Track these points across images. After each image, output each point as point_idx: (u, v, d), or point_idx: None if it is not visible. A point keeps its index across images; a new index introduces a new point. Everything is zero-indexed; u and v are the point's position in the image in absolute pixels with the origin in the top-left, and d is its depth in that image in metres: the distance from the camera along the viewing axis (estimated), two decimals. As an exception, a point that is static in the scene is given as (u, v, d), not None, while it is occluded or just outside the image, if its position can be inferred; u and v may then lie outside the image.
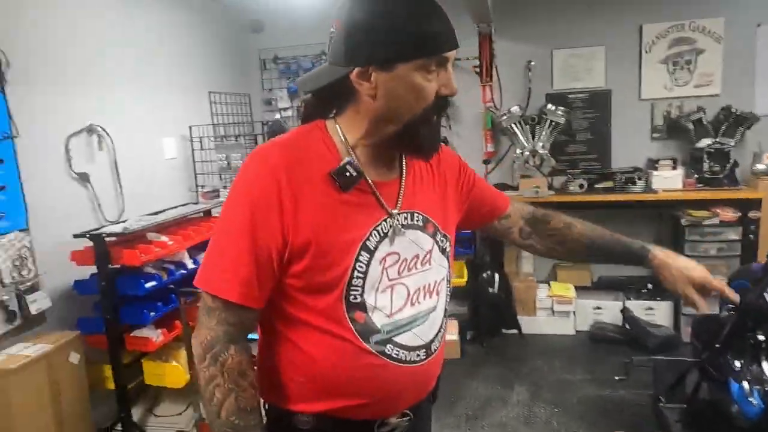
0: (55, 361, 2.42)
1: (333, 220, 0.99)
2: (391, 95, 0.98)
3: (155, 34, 3.49)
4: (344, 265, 0.99)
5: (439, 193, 1.18)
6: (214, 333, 0.99)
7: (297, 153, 1.00)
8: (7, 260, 2.40)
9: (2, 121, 2.42)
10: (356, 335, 1.01)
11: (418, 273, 1.09)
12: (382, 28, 0.95)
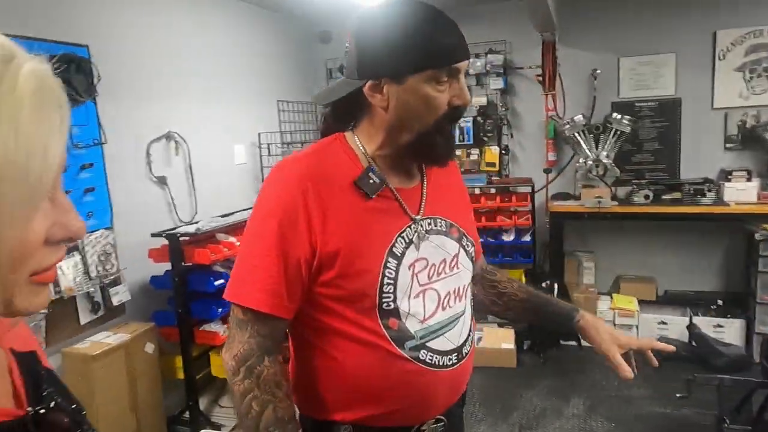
0: (133, 349, 2.62)
1: (359, 227, 1.01)
2: (403, 106, 1.00)
3: (228, 47, 3.70)
4: (373, 271, 1.01)
5: (458, 198, 1.21)
6: (248, 346, 1.00)
7: (320, 164, 1.03)
8: (94, 255, 2.63)
9: (93, 129, 2.67)
10: (391, 342, 1.02)
11: (447, 277, 1.11)
12: (392, 41, 0.97)
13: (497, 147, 4.47)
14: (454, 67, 0.99)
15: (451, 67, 0.98)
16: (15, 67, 0.45)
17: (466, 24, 4.43)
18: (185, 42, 3.31)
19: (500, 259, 4.15)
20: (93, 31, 2.68)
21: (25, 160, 0.42)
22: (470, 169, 4.52)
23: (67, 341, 2.52)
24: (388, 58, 0.98)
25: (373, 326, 1.02)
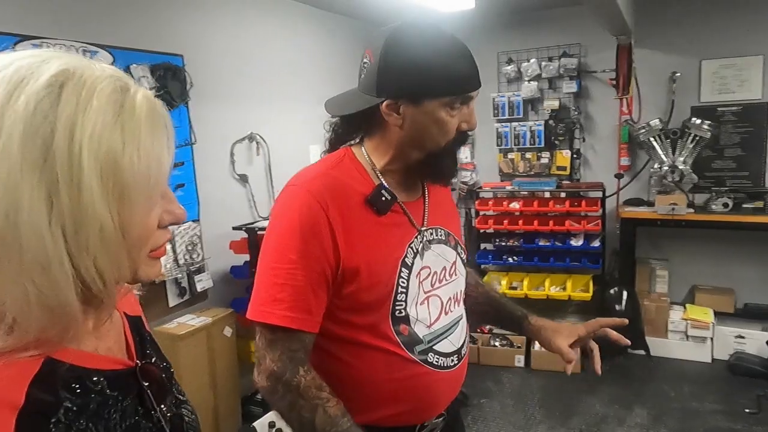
0: (213, 332, 2.87)
1: (376, 241, 1.07)
2: (417, 127, 1.06)
3: (306, 52, 3.91)
4: (390, 283, 1.07)
5: (450, 210, 1.30)
6: (280, 363, 1.02)
7: (334, 181, 1.07)
8: (182, 245, 2.91)
9: (185, 131, 2.94)
10: (402, 347, 1.09)
11: (448, 284, 1.19)
12: (415, 65, 1.02)
13: (569, 151, 4.44)
14: (468, 95, 1.07)
15: (465, 95, 1.06)
16: (132, 95, 0.59)
17: (539, 27, 4.48)
18: (268, 49, 3.55)
19: (567, 264, 4.13)
20: (187, 42, 2.95)
21: (147, 171, 0.58)
22: (540, 173, 4.52)
23: (157, 321, 2.81)
24: (409, 81, 1.03)
25: (387, 333, 1.08)
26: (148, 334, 0.80)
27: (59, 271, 0.54)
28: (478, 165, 4.79)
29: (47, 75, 0.54)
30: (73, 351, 0.61)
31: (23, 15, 2.24)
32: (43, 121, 0.53)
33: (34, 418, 0.56)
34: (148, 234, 0.62)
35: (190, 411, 0.81)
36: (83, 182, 0.54)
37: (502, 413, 3.36)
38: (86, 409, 0.60)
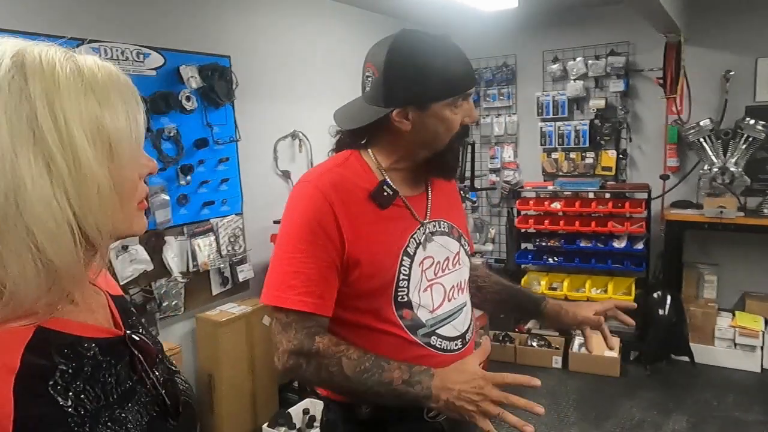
0: (253, 320, 3.01)
1: (378, 233, 1.15)
2: (426, 129, 1.15)
3: (348, 52, 4.00)
4: (392, 270, 1.15)
5: (454, 203, 1.36)
6: (296, 340, 1.09)
7: (340, 178, 1.15)
8: (225, 237, 3.06)
9: (230, 128, 3.09)
10: (406, 330, 1.16)
11: (451, 273, 1.25)
12: (417, 73, 1.11)
13: (614, 151, 4.35)
14: (469, 92, 1.16)
15: (467, 93, 1.15)
16: (83, 62, 0.64)
17: (586, 25, 4.45)
18: (310, 49, 3.66)
19: (609, 266, 4.06)
20: (234, 44, 3.10)
21: (128, 128, 0.66)
22: (585, 173, 4.45)
23: (201, 308, 2.97)
24: (414, 90, 1.12)
25: (390, 317, 1.16)
26: (135, 313, 0.85)
27: (67, 233, 0.60)
28: (521, 164, 4.76)
29: (6, 59, 0.59)
30: (64, 320, 0.66)
31: (85, 20, 2.43)
32: (21, 99, 0.58)
33: (32, 381, 0.60)
34: (135, 185, 0.69)
35: (183, 380, 0.85)
36: (77, 148, 0.60)
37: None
38: (81, 372, 0.65)
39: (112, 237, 0.67)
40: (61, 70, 0.61)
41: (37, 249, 0.59)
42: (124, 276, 2.59)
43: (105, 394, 0.67)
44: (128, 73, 2.41)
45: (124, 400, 0.70)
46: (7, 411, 0.57)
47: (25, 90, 0.58)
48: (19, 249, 0.58)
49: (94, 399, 0.65)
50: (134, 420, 0.69)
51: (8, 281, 0.59)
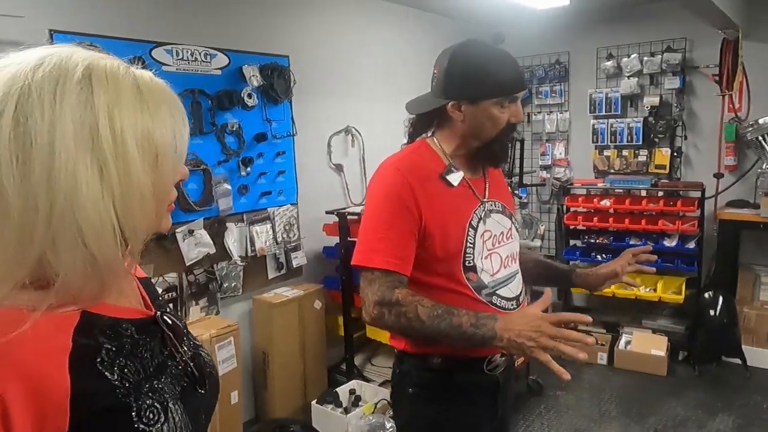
0: (304, 304, 3.21)
1: (448, 208, 1.37)
2: (475, 122, 1.37)
3: (401, 50, 4.14)
4: (460, 239, 1.37)
5: (504, 188, 1.56)
6: (379, 292, 1.29)
7: (415, 162, 1.39)
8: (281, 225, 3.27)
9: (287, 124, 3.30)
10: (472, 290, 1.37)
11: (506, 245, 1.48)
12: (472, 74, 1.34)
13: (668, 149, 4.30)
14: (513, 95, 1.36)
15: (512, 96, 1.36)
16: (140, 77, 0.71)
17: (642, 22, 4.46)
18: (365, 49, 3.82)
19: (659, 264, 4.00)
20: (293, 44, 3.30)
21: (173, 142, 0.73)
22: (638, 171, 4.41)
23: (257, 290, 3.19)
24: (468, 87, 1.35)
25: (459, 278, 1.37)
26: (158, 293, 0.95)
27: (110, 233, 0.66)
28: (572, 162, 4.77)
29: (77, 72, 0.65)
30: (104, 305, 0.73)
31: (160, 25, 2.68)
32: (86, 109, 0.64)
33: (83, 360, 0.67)
34: (170, 192, 0.76)
35: (206, 353, 0.92)
36: (128, 157, 0.66)
37: (577, 406, 3.40)
38: (122, 350, 0.72)
39: (146, 237, 0.73)
40: (123, 85, 0.68)
41: (84, 245, 0.65)
42: (189, 257, 2.84)
43: (143, 368, 0.75)
44: (196, 72, 2.66)
45: (159, 373, 0.77)
46: (65, 388, 0.64)
47: (91, 101, 0.65)
48: (70, 244, 0.64)
49: (134, 372, 0.73)
50: (169, 390, 0.77)
51: (60, 271, 0.65)
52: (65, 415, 0.64)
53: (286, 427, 2.55)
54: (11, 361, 0.62)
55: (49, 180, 0.62)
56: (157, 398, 0.74)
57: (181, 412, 0.76)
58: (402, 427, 1.52)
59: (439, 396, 1.43)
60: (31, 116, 0.62)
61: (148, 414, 0.71)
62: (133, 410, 0.70)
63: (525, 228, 4.83)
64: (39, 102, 0.63)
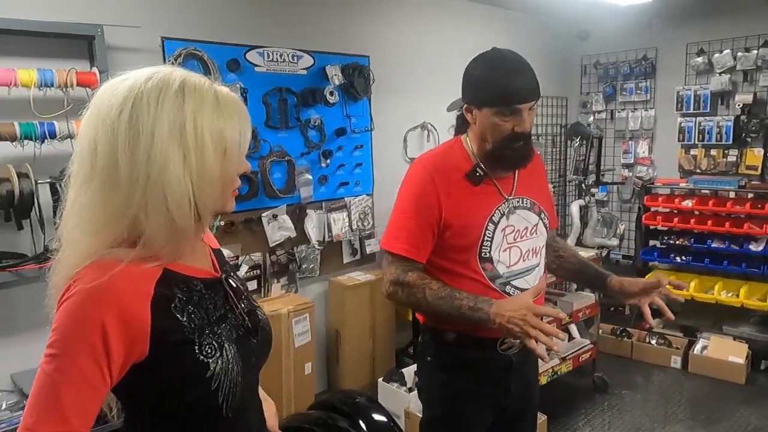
0: (375, 288, 3.43)
1: (469, 204, 1.49)
2: (481, 126, 1.49)
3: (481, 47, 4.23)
4: (478, 232, 1.49)
5: (539, 184, 1.63)
6: (395, 273, 1.48)
7: (442, 161, 1.53)
8: (356, 213, 3.52)
9: (365, 119, 3.53)
10: (486, 278, 1.50)
11: (528, 239, 1.58)
12: (474, 81, 1.48)
13: (762, 149, 4.09)
14: (514, 107, 1.42)
15: (511, 107, 1.42)
16: (220, 91, 0.93)
17: (736, 16, 4.37)
18: (442, 47, 3.96)
19: (743, 269, 3.87)
20: (373, 45, 3.52)
21: (238, 140, 0.93)
22: (726, 171, 4.24)
23: (333, 273, 3.46)
24: (472, 93, 1.49)
25: (475, 267, 1.51)
26: (228, 261, 1.16)
27: (187, 204, 0.87)
28: (655, 160, 4.65)
29: (174, 87, 0.88)
30: (181, 265, 0.94)
31: (251, 30, 2.99)
32: (178, 114, 0.87)
33: (161, 304, 0.88)
34: (234, 180, 0.97)
35: (262, 313, 1.11)
36: (205, 148, 0.88)
37: (642, 406, 3.38)
38: (191, 300, 0.93)
39: (212, 212, 0.96)
40: (206, 96, 0.90)
41: (168, 211, 0.86)
42: (273, 240, 3.15)
43: (207, 316, 0.95)
44: (284, 72, 2.99)
45: (220, 321, 0.97)
46: (146, 323, 0.86)
47: (182, 106, 0.87)
48: (157, 208, 0.86)
49: (199, 318, 0.94)
50: (226, 335, 0.97)
51: (147, 230, 0.86)
52: (146, 343, 0.86)
53: (352, 397, 2.76)
54: (110, 298, 0.84)
55: (148, 160, 0.85)
56: (215, 339, 0.94)
57: (234, 352, 0.96)
58: (421, 390, 1.69)
59: (452, 367, 1.57)
60: (141, 114, 0.86)
61: (207, 349, 0.92)
62: (196, 345, 0.91)
63: (603, 227, 4.79)
64: (146, 105, 0.86)
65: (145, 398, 0.94)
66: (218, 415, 0.95)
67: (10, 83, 2.11)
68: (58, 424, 0.82)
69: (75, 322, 0.83)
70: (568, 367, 3.30)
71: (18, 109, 2.17)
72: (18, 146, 2.15)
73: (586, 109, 5.02)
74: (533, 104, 1.46)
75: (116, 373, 0.86)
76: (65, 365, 0.82)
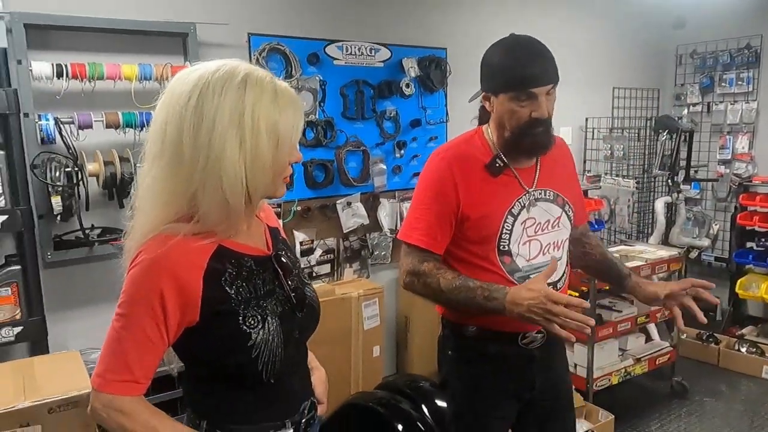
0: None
1: (488, 195, 1.46)
2: (498, 114, 1.45)
3: (566, 37, 4.13)
4: (496, 225, 1.46)
5: (565, 176, 1.57)
6: (412, 264, 1.48)
7: (462, 152, 1.50)
8: (429, 204, 3.57)
9: (441, 111, 3.58)
10: (504, 272, 1.47)
11: (550, 233, 1.52)
12: (491, 68, 1.45)
13: None
14: (530, 91, 1.38)
15: (527, 91, 1.38)
16: (279, 85, 1.01)
17: None
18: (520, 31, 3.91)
19: None
20: (450, 37, 3.55)
21: (290, 131, 1.01)
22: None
23: (404, 261, 3.54)
24: (488, 80, 1.47)
25: (494, 260, 1.48)
26: (283, 239, 1.23)
27: (240, 186, 0.96)
28: (756, 156, 4.33)
29: (238, 79, 0.97)
30: (234, 242, 1.03)
31: (331, 25, 3.13)
32: (239, 103, 0.96)
33: (212, 277, 0.98)
34: (285, 168, 1.05)
35: (312, 290, 1.19)
36: (260, 137, 0.96)
37: (725, 415, 3.20)
38: (241, 275, 1.03)
39: (262, 196, 1.05)
40: (265, 89, 0.99)
41: (222, 191, 0.95)
42: (347, 226, 3.28)
43: (255, 291, 1.04)
44: (362, 65, 3.13)
45: (267, 296, 1.06)
46: (198, 292, 0.97)
47: (242, 96, 0.96)
48: (213, 188, 0.95)
49: (247, 292, 1.03)
50: (271, 309, 1.05)
51: (202, 208, 0.96)
52: (197, 310, 0.98)
53: (417, 381, 2.83)
54: (168, 268, 0.96)
55: (209, 142, 0.95)
56: (259, 312, 1.03)
57: (277, 325, 1.05)
58: (442, 384, 1.64)
59: (473, 361, 1.55)
60: (206, 102, 0.96)
61: (250, 321, 1.02)
62: (240, 316, 1.02)
63: (694, 226, 4.54)
64: (211, 93, 0.97)
65: (196, 359, 1.07)
66: (259, 380, 1.05)
67: (115, 77, 2.38)
68: (122, 373, 0.96)
69: (138, 287, 0.97)
70: (642, 368, 3.19)
71: (121, 100, 2.43)
72: (121, 133, 2.41)
73: (680, 101, 4.75)
74: (550, 88, 1.41)
75: (172, 334, 0.99)
76: (130, 324, 0.96)
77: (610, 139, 4.21)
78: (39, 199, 2.29)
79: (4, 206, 2.10)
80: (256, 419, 1.09)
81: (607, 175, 4.18)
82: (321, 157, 3.14)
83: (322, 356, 1.36)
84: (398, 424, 2.54)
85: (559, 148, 1.62)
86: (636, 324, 3.16)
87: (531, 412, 1.63)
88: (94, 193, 2.39)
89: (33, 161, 2.22)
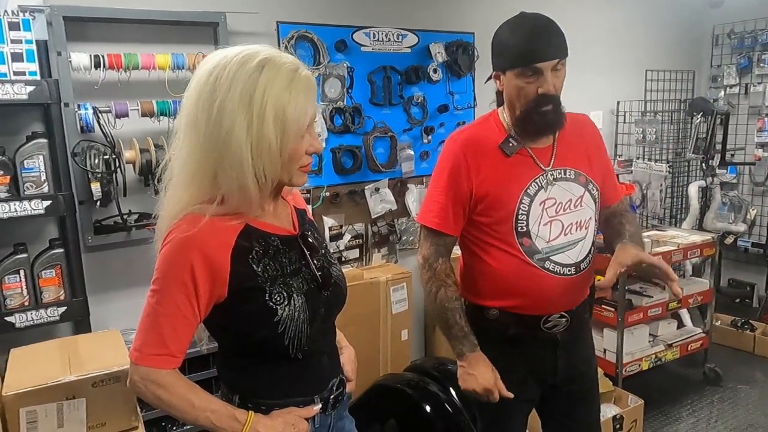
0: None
1: (502, 176, 1.47)
2: (507, 92, 1.45)
3: (591, 22, 4.06)
4: (511, 206, 1.46)
5: (586, 153, 1.54)
6: (429, 250, 1.52)
7: (475, 134, 1.52)
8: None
9: (468, 96, 3.56)
10: (523, 254, 1.47)
11: (571, 213, 1.51)
12: (500, 47, 1.46)
13: None
14: (535, 66, 1.37)
15: (532, 66, 1.37)
16: (299, 73, 1.02)
17: None
18: (554, 14, 3.85)
19: None
20: (478, 21, 3.53)
21: (299, 116, 1.00)
22: None
23: (432, 246, 3.56)
24: (496, 58, 1.48)
25: (512, 242, 1.47)
26: (310, 221, 1.26)
27: (247, 167, 0.97)
28: (797, 139, 4.19)
29: (255, 61, 0.98)
30: (261, 222, 1.07)
31: (359, 11, 3.15)
32: (250, 84, 0.97)
33: (240, 254, 1.02)
34: (298, 156, 1.04)
35: (338, 270, 1.21)
36: (266, 119, 0.97)
37: (759, 403, 3.14)
38: (268, 253, 1.06)
39: (273, 182, 1.04)
40: (281, 74, 0.99)
41: (234, 172, 0.98)
42: (375, 211, 3.32)
43: (281, 268, 1.08)
44: (389, 51, 3.16)
45: (293, 274, 1.09)
46: (226, 268, 1.01)
47: (256, 79, 0.97)
48: (227, 169, 0.99)
49: (273, 270, 1.07)
50: (297, 287, 1.09)
51: (223, 188, 1.00)
52: (225, 285, 1.03)
53: (445, 364, 2.89)
54: (198, 244, 1.00)
55: (221, 119, 0.98)
56: (285, 289, 1.07)
57: (303, 302, 1.08)
58: None
59: (495, 342, 1.55)
60: (221, 80, 0.98)
61: (277, 297, 1.07)
62: (266, 293, 1.06)
63: (730, 211, 4.43)
64: (227, 74, 0.99)
65: (226, 333, 1.12)
66: (285, 354, 1.09)
67: (150, 67, 2.45)
68: (158, 347, 1.01)
69: (170, 264, 1.02)
70: (674, 354, 3.16)
71: (155, 89, 2.50)
72: (155, 121, 2.49)
73: (716, 83, 4.62)
74: (557, 63, 1.40)
75: (204, 309, 1.03)
76: (164, 299, 1.01)
77: (642, 122, 4.14)
78: (79, 186, 2.39)
79: (48, 192, 2.19)
80: (286, 394, 1.13)
81: (639, 159, 4.12)
82: (349, 144, 3.17)
83: (350, 339, 1.39)
84: (426, 405, 2.61)
85: (584, 126, 1.61)
86: (667, 309, 3.12)
87: (555, 395, 1.64)
88: (131, 180, 2.47)
89: (73, 149, 2.31)
